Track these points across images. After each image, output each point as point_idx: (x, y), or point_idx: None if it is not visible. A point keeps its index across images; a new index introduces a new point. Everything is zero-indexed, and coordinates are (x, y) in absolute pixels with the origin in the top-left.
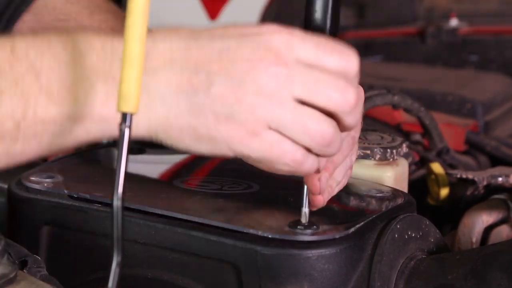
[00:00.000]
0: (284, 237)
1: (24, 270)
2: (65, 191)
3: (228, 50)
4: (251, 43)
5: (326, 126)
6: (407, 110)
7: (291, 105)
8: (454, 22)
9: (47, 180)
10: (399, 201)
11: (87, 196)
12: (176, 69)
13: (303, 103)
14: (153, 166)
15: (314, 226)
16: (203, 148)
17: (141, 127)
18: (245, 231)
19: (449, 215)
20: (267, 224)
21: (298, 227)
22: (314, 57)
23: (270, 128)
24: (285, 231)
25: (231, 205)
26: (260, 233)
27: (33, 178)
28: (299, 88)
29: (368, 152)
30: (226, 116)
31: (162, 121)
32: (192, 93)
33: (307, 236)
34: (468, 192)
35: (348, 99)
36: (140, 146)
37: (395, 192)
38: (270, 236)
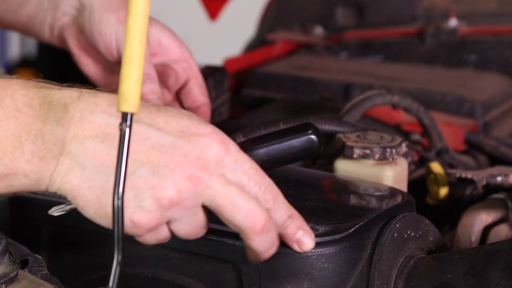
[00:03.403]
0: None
1: (25, 269)
2: None
3: (161, 146)
4: (186, 147)
5: None
6: (406, 110)
7: (199, 210)
8: (453, 22)
9: None
10: (399, 200)
11: None
12: (105, 145)
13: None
14: None
15: (315, 227)
16: (105, 223)
17: (54, 185)
18: None
19: (448, 214)
20: None
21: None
22: (238, 181)
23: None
24: None
25: None
26: None
27: None
28: (211, 200)
29: (368, 151)
30: (136, 206)
31: (74, 189)
32: (111, 174)
33: None
34: (467, 192)
35: (255, 222)
36: None
37: (395, 192)
38: None
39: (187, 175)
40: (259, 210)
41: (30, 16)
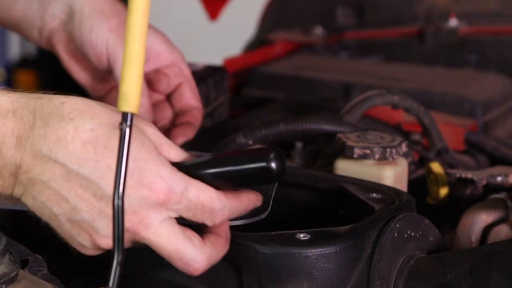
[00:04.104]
0: (284, 236)
1: (25, 269)
2: None
3: (101, 196)
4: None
5: None
6: (406, 110)
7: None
8: (453, 22)
9: None
10: (399, 200)
11: None
12: (51, 186)
13: None
14: None
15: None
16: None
17: (16, 197)
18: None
19: (448, 214)
20: None
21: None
22: (184, 215)
23: None
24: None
25: None
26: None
27: None
28: (150, 245)
29: (368, 151)
30: (78, 243)
31: (30, 206)
32: (57, 211)
33: (306, 235)
34: (467, 192)
35: (193, 271)
36: None
37: (395, 192)
38: (269, 236)
39: (125, 228)
40: (196, 259)
41: (19, 16)
